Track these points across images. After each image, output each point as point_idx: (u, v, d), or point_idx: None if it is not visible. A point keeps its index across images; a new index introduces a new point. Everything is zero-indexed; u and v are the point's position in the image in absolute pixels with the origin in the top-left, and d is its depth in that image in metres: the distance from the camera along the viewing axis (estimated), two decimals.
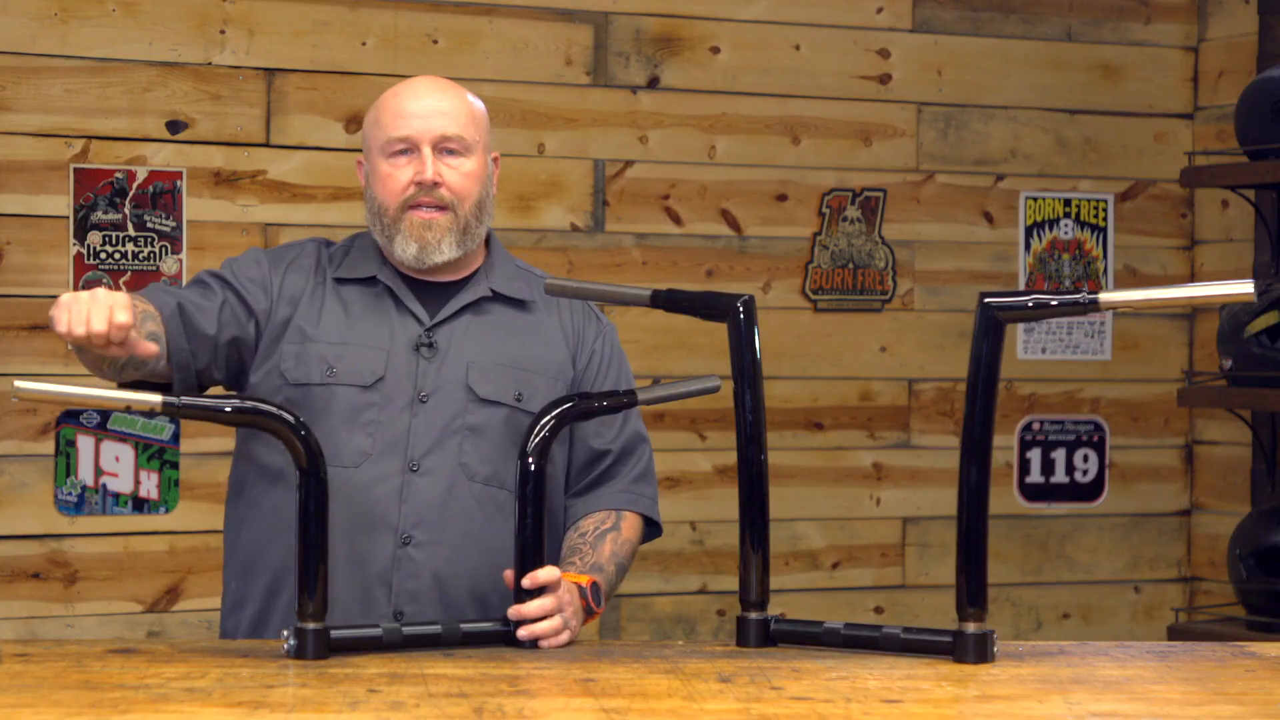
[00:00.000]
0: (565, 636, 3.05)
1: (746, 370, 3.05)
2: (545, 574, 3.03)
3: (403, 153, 3.23)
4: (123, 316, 2.90)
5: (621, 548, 3.27)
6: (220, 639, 3.27)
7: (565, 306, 3.35)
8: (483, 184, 3.26)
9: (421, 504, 3.19)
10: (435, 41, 5.02)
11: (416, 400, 3.21)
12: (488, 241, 3.35)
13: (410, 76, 3.36)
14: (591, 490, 3.31)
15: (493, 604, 3.20)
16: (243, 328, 3.22)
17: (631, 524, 3.31)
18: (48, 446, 4.75)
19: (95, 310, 2.90)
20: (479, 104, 3.30)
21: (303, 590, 2.89)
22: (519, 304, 3.31)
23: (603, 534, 3.25)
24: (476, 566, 3.19)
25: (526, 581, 3.02)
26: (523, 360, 3.27)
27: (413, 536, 3.18)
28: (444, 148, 3.23)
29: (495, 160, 3.34)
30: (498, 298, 3.30)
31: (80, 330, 2.89)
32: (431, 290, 3.28)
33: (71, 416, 4.75)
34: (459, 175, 3.23)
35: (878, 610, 5.42)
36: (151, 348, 3.00)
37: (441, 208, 3.22)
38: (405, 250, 3.23)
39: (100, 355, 3.00)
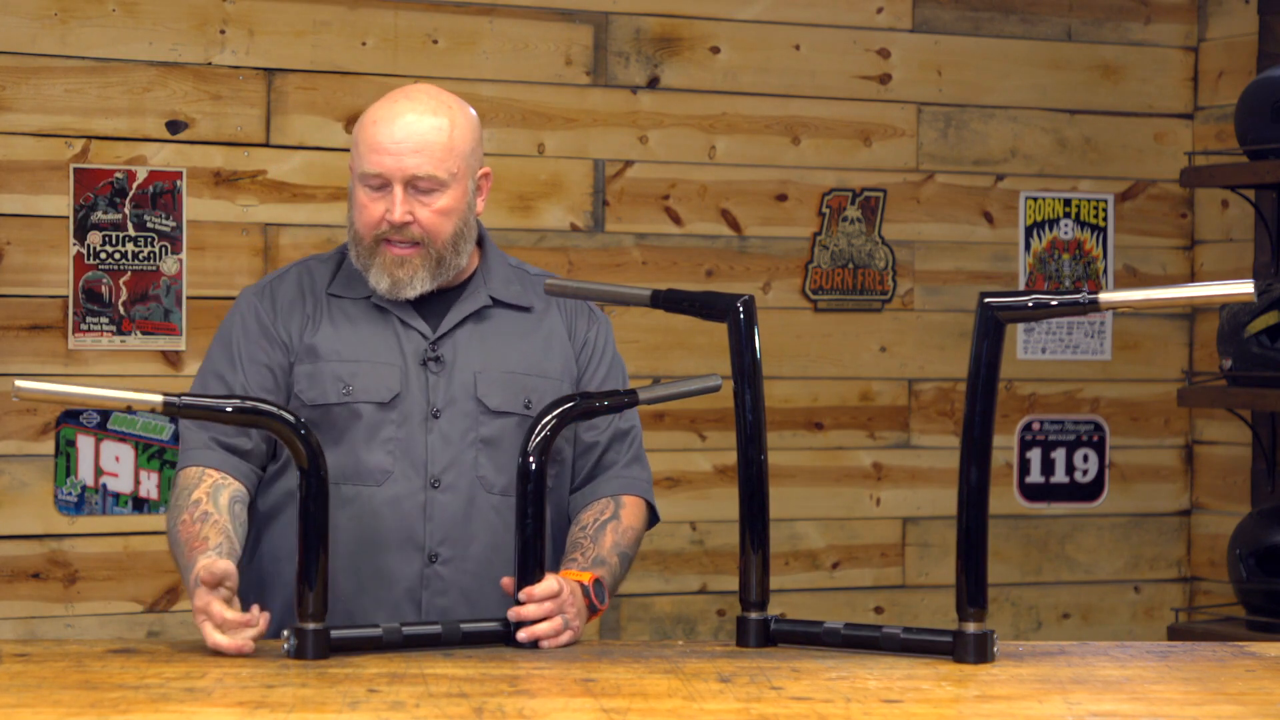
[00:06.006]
0: (567, 637, 3.05)
1: (746, 370, 3.06)
2: (543, 589, 3.03)
3: (377, 187, 3.18)
4: (222, 638, 2.88)
5: (623, 536, 3.25)
6: None
7: (560, 301, 3.34)
8: (460, 216, 3.20)
9: (445, 520, 3.18)
10: (435, 41, 5.03)
11: (430, 416, 3.20)
12: (481, 241, 3.32)
13: (404, 84, 3.32)
14: (588, 482, 3.31)
15: None
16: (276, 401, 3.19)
17: (632, 510, 3.30)
18: (48, 446, 4.75)
19: (210, 636, 2.89)
20: (464, 123, 3.22)
21: (303, 589, 2.89)
22: (518, 307, 3.31)
23: (602, 525, 3.24)
24: (502, 577, 3.16)
25: (523, 597, 3.02)
26: (528, 366, 3.26)
27: (439, 554, 3.18)
28: (417, 185, 3.17)
29: (486, 176, 3.27)
30: (497, 304, 3.29)
31: (230, 651, 2.89)
32: (430, 300, 3.25)
33: (71, 416, 4.75)
34: (430, 212, 3.17)
35: (878, 610, 5.42)
36: (229, 566, 2.96)
37: (414, 243, 3.18)
38: (379, 284, 3.21)
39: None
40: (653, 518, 3.37)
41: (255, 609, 2.91)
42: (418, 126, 3.18)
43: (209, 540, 3.05)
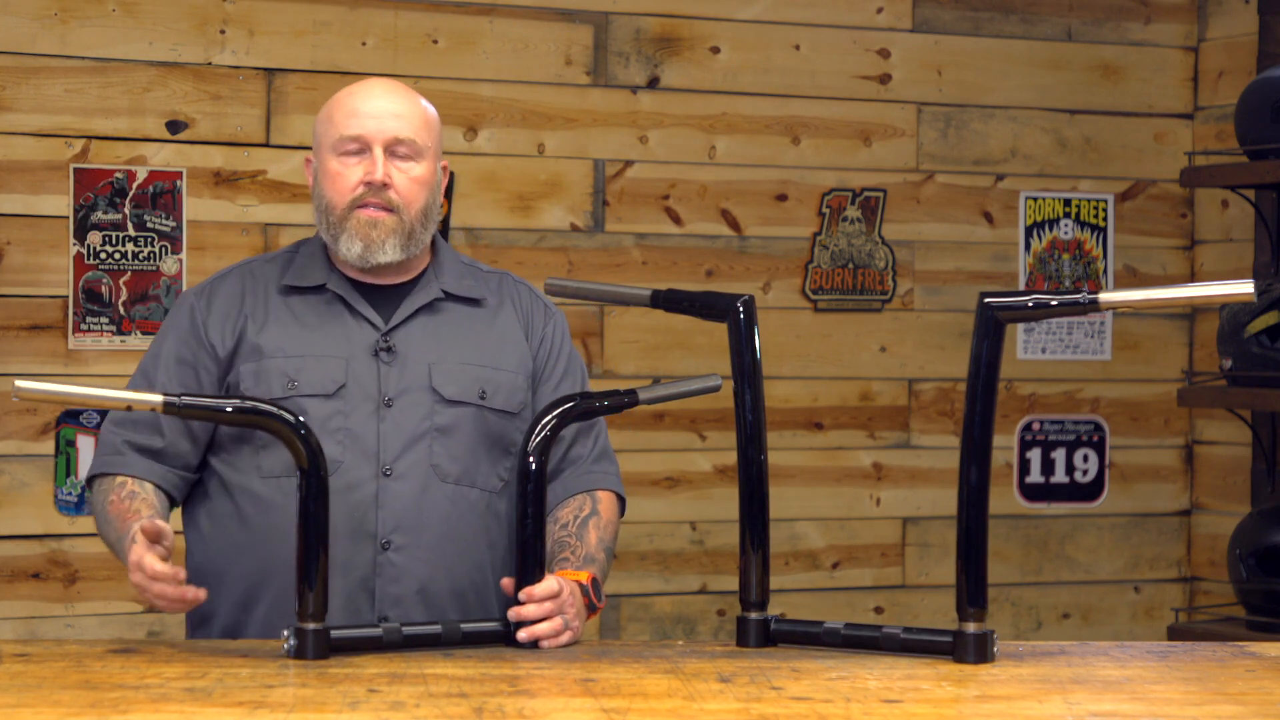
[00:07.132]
0: (567, 637, 3.05)
1: (746, 370, 3.06)
2: (543, 589, 3.03)
3: (354, 152, 3.21)
4: (163, 595, 2.96)
5: (605, 532, 3.27)
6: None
7: (513, 296, 3.35)
8: (431, 191, 3.24)
9: (398, 508, 3.19)
10: (435, 41, 5.03)
11: (382, 405, 3.20)
12: (433, 243, 3.34)
13: (366, 78, 3.37)
14: (556, 477, 3.30)
15: (471, 601, 3.22)
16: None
17: (607, 504, 3.31)
18: (48, 446, 4.75)
19: (154, 600, 2.97)
20: (433, 110, 3.29)
21: (303, 589, 2.89)
22: (471, 301, 3.31)
23: (584, 522, 3.25)
24: (454, 566, 3.20)
25: (523, 597, 3.02)
26: (483, 358, 3.27)
27: (391, 541, 3.18)
28: (395, 150, 3.21)
29: (445, 169, 3.32)
30: (450, 297, 3.29)
31: (174, 607, 2.98)
32: (382, 293, 3.27)
33: (71, 416, 4.76)
34: (408, 180, 3.21)
35: (878, 610, 5.42)
36: (165, 527, 3.03)
37: (388, 209, 3.20)
38: (350, 249, 3.21)
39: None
40: (622, 506, 3.40)
41: (181, 571, 2.97)
42: (396, 97, 3.26)
43: (141, 512, 3.12)
